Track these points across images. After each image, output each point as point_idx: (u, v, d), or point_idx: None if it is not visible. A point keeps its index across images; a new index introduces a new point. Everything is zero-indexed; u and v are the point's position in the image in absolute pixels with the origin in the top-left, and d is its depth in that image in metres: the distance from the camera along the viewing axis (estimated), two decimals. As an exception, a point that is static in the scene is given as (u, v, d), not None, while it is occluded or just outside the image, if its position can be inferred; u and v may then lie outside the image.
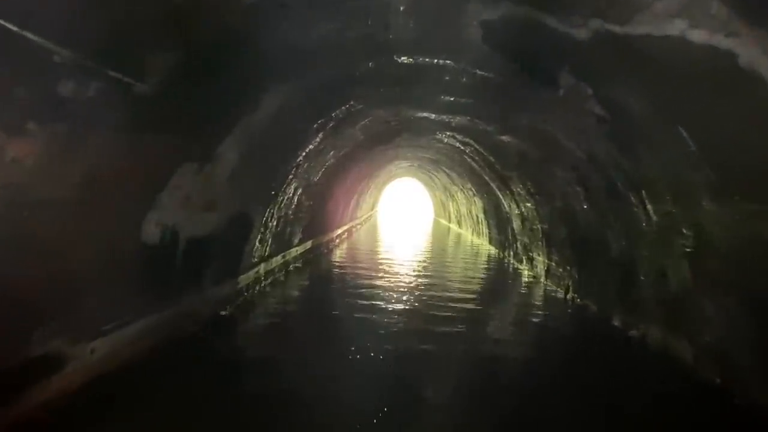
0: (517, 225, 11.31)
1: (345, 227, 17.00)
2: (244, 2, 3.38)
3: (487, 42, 4.35)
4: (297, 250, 9.86)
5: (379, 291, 8.38)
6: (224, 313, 5.99)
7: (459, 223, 22.74)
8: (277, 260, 8.44)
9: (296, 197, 8.41)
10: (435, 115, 8.33)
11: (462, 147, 10.75)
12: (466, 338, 6.07)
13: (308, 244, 10.82)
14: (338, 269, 10.96)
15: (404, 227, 25.54)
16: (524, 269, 11.24)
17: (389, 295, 8.08)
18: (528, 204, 9.78)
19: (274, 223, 7.63)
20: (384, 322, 6.49)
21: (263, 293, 7.43)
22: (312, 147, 7.58)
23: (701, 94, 3.27)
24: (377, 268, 10.85)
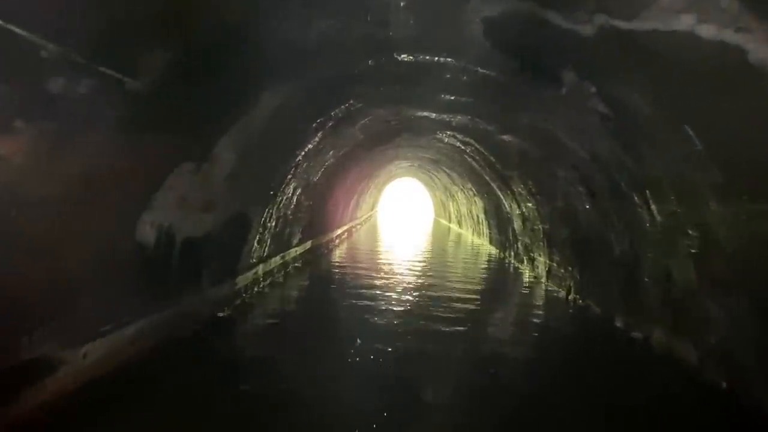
0: (518, 225, 11.24)
1: (345, 227, 16.94)
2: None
3: (489, 39, 4.27)
4: (296, 251, 9.79)
5: (379, 291, 8.31)
6: (222, 315, 5.92)
7: (459, 224, 22.67)
8: (276, 261, 8.37)
9: (295, 197, 8.34)
10: (435, 115, 8.27)
11: (462, 147, 10.68)
12: (467, 339, 6.01)
13: (308, 245, 10.75)
14: (338, 270, 10.89)
15: (404, 227, 25.49)
16: (525, 270, 11.17)
17: (389, 296, 8.02)
18: (529, 204, 9.71)
19: (273, 224, 7.55)
20: (384, 323, 6.44)
21: (262, 294, 7.36)
22: (311, 146, 7.51)
23: (708, 92, 3.19)
24: (377, 269, 10.79)
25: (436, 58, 5.15)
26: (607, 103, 4.42)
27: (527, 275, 10.69)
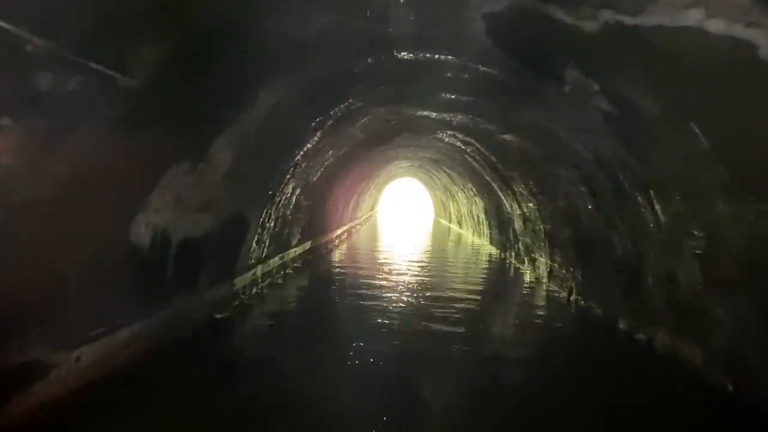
0: (519, 225, 11.17)
1: (344, 228, 16.86)
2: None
3: (491, 36, 4.19)
4: (295, 251, 9.72)
5: (379, 292, 8.25)
6: (220, 316, 5.84)
7: (459, 224, 22.60)
8: (275, 261, 8.29)
9: (294, 197, 8.27)
10: (436, 114, 8.19)
11: (463, 146, 10.60)
12: (467, 340, 5.94)
13: (307, 245, 10.67)
14: (338, 270, 10.82)
15: (404, 227, 25.42)
16: (526, 270, 11.10)
17: (389, 296, 7.96)
18: (530, 204, 9.63)
19: (272, 224, 7.47)
20: (384, 324, 6.38)
21: (261, 295, 7.28)
22: (310, 146, 7.43)
23: (716, 89, 3.11)
24: (377, 269, 10.72)
25: (437, 56, 5.07)
26: (611, 101, 4.34)
27: (528, 276, 10.61)
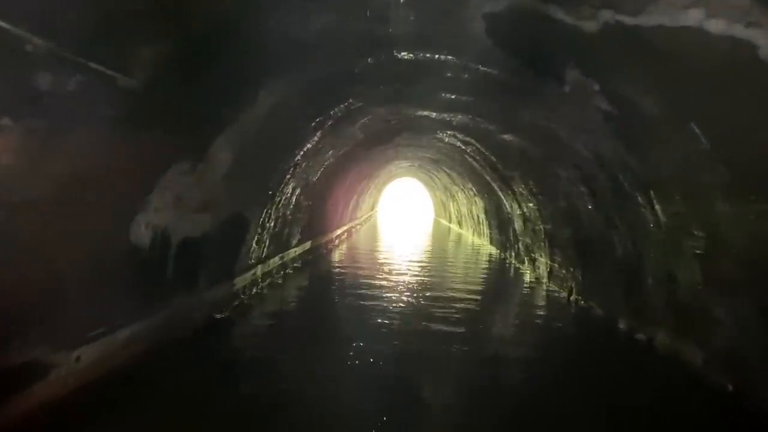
0: (519, 225, 11.16)
1: (344, 228, 16.86)
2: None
3: (491, 36, 4.19)
4: (295, 251, 9.71)
5: (379, 292, 8.24)
6: (220, 316, 5.83)
7: (460, 224, 22.59)
8: (275, 261, 8.28)
9: (294, 197, 8.26)
10: (436, 114, 8.18)
11: (463, 146, 10.60)
12: (467, 340, 5.92)
13: (307, 245, 10.67)
14: (338, 270, 10.81)
15: (404, 227, 25.40)
16: (526, 270, 11.09)
17: (389, 296, 7.95)
18: (530, 204, 9.63)
19: (272, 224, 7.47)
20: (384, 324, 6.37)
21: (261, 295, 7.28)
22: (310, 146, 7.42)
23: (716, 89, 3.11)
24: (377, 269, 10.71)
25: (437, 56, 5.07)
26: (611, 101, 4.34)
27: (528, 276, 10.60)
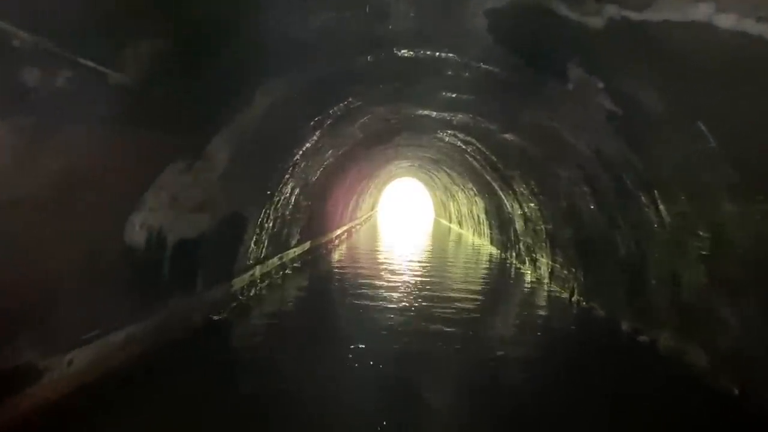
0: (520, 225, 11.08)
1: (344, 228, 16.78)
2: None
3: (493, 33, 4.11)
4: (295, 252, 9.63)
5: (380, 292, 8.17)
6: (217, 318, 5.75)
7: (460, 224, 22.52)
8: (274, 262, 8.21)
9: (293, 197, 8.18)
10: (436, 113, 8.11)
11: (463, 146, 10.52)
12: (468, 341, 5.86)
13: (306, 245, 10.59)
14: (338, 270, 10.74)
15: (404, 228, 25.34)
16: (527, 271, 11.02)
17: (390, 296, 7.89)
18: (531, 204, 9.55)
19: (271, 224, 7.39)
20: (385, 324, 6.31)
21: (259, 296, 7.20)
22: (309, 145, 7.35)
23: (725, 86, 3.03)
24: (377, 270, 10.64)
25: (437, 54, 4.99)
26: (615, 100, 4.26)
27: (529, 276, 10.53)
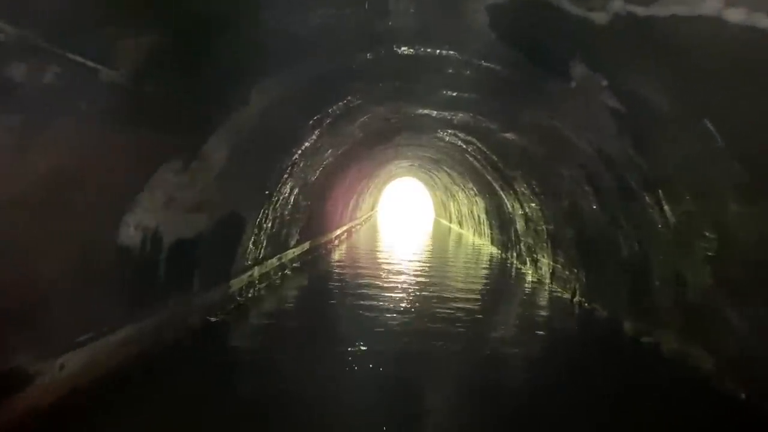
0: (521, 226, 11.01)
1: (344, 228, 16.70)
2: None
3: (495, 29, 4.03)
4: (294, 252, 9.55)
5: (380, 293, 8.10)
6: (214, 320, 5.67)
7: (460, 224, 22.44)
8: (273, 263, 8.13)
9: (292, 197, 8.10)
10: (436, 112, 8.04)
11: (464, 145, 10.45)
12: (467, 342, 5.79)
13: (306, 246, 10.51)
14: (337, 271, 10.67)
15: (404, 228, 25.28)
16: (528, 271, 10.94)
17: (390, 297, 7.83)
18: (532, 204, 9.48)
19: (269, 225, 7.31)
20: (385, 325, 6.27)
21: (258, 297, 7.12)
22: (308, 145, 7.27)
23: (734, 82, 2.95)
24: (377, 270, 10.57)
25: (438, 51, 4.91)
26: (619, 97, 4.18)
27: (530, 277, 10.46)
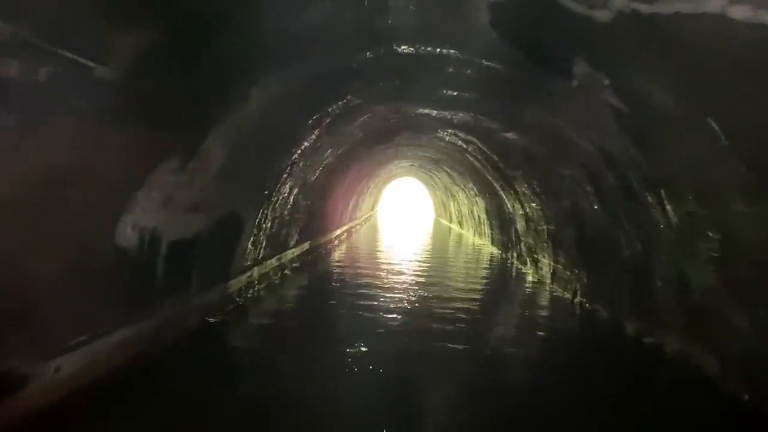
0: (521, 226, 10.96)
1: (344, 228, 16.67)
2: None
3: (496, 28, 3.99)
4: (293, 252, 9.51)
5: (380, 293, 8.06)
6: (213, 321, 5.63)
7: (460, 224, 22.40)
8: (272, 263, 8.08)
9: (292, 197, 8.06)
10: (436, 112, 8.00)
11: (464, 145, 10.40)
12: (467, 343, 5.74)
13: (305, 246, 10.47)
14: (337, 271, 10.62)
15: (404, 228, 25.24)
16: (528, 271, 10.90)
17: (390, 297, 7.79)
18: (533, 204, 9.43)
19: (269, 225, 7.27)
20: (385, 326, 6.23)
21: (257, 298, 7.08)
22: (308, 144, 7.22)
23: (738, 81, 2.91)
24: (377, 270, 10.53)
25: (438, 50, 4.87)
26: (622, 96, 4.14)
27: (531, 277, 10.41)
